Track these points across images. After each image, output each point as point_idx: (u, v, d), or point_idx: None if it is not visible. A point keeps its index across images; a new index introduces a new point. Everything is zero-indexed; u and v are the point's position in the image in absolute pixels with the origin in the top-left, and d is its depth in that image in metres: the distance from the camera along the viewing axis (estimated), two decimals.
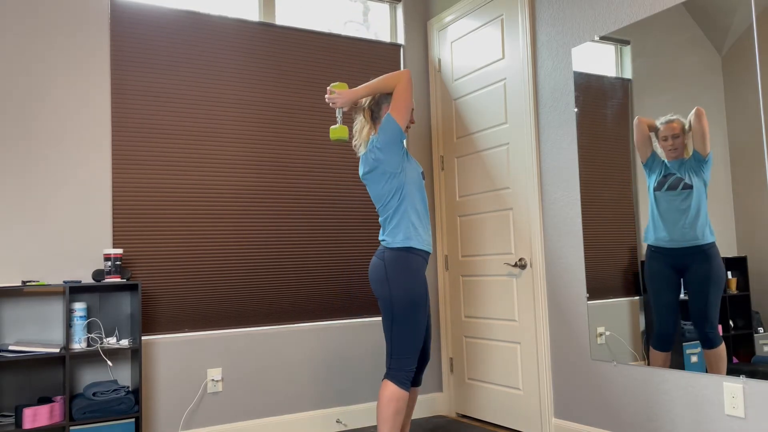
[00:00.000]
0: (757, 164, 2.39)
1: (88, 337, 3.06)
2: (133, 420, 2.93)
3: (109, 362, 3.04)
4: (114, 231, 3.22)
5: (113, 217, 3.23)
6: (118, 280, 3.00)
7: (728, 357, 2.49)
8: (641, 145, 2.81)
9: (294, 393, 3.59)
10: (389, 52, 4.09)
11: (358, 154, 2.79)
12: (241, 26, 3.61)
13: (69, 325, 2.91)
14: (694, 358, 2.61)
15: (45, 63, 3.13)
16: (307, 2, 3.91)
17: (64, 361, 3.00)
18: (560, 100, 3.24)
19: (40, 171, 3.10)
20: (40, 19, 3.14)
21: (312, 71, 3.81)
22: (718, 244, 2.51)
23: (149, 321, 3.26)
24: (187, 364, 3.33)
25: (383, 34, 4.18)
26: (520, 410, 3.46)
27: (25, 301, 3.01)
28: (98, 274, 3.01)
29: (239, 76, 3.59)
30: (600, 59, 3.03)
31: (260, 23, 3.68)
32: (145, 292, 3.26)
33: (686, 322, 2.63)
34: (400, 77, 2.66)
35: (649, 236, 2.77)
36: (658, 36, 2.76)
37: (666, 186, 2.69)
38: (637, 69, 2.85)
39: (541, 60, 3.36)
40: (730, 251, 2.47)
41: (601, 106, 3.02)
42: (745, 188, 2.43)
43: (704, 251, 2.55)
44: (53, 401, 2.87)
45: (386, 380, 2.58)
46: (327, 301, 3.74)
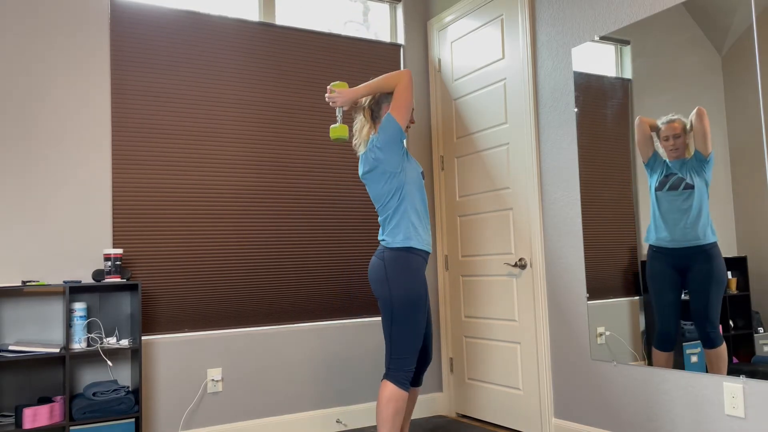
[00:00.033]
0: (757, 164, 2.39)
1: (88, 337, 3.06)
2: (133, 420, 2.93)
3: (109, 362, 3.04)
4: (114, 231, 3.23)
5: (113, 217, 3.23)
6: (118, 280, 3.00)
7: (728, 357, 2.49)
8: (643, 145, 2.80)
9: (294, 393, 3.59)
10: (389, 52, 4.09)
11: (357, 154, 2.79)
12: (241, 26, 3.61)
13: (69, 325, 2.91)
14: (694, 358, 2.61)
15: (45, 63, 3.13)
16: (307, 2, 3.91)
17: (64, 361, 3.00)
18: (560, 100, 3.24)
19: (40, 171, 3.10)
20: (40, 19, 3.14)
21: (312, 71, 3.81)
22: (719, 244, 2.51)
23: (149, 321, 3.27)
24: (187, 364, 3.33)
25: (383, 34, 4.18)
26: (520, 410, 3.46)
27: (25, 301, 3.01)
28: (98, 274, 3.01)
29: (239, 76, 3.59)
30: (600, 59, 3.03)
31: (260, 23, 3.68)
32: (145, 292, 3.26)
33: (686, 322, 2.63)
34: (400, 77, 2.66)
35: (651, 236, 2.77)
36: (658, 36, 2.76)
37: (667, 186, 2.69)
38: (637, 69, 2.85)
39: (541, 60, 3.36)
40: (730, 251, 2.47)
41: (601, 106, 3.02)
42: (745, 188, 2.43)
43: (706, 251, 2.55)
44: (53, 401, 2.87)
45: (385, 380, 2.58)
46: (327, 301, 3.74)
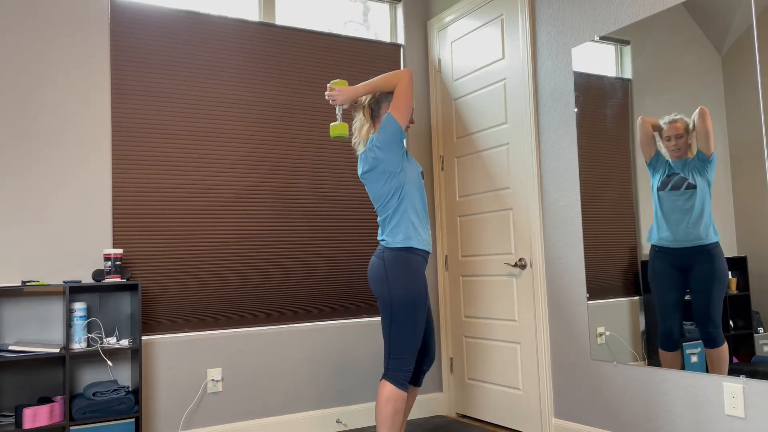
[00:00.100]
0: (757, 164, 2.39)
1: (88, 337, 3.06)
2: (133, 420, 2.93)
3: (109, 362, 3.04)
4: (114, 231, 3.23)
5: (113, 217, 3.23)
6: (118, 280, 3.00)
7: (728, 357, 2.49)
8: (645, 145, 2.80)
9: (294, 393, 3.59)
10: (389, 52, 4.09)
11: (356, 153, 2.78)
12: (241, 26, 3.61)
13: (69, 325, 2.91)
14: (694, 358, 2.60)
15: (45, 63, 3.13)
16: (307, 2, 3.91)
17: (64, 361, 3.00)
18: (560, 100, 3.24)
19: (40, 171, 3.10)
20: (40, 19, 3.14)
21: (312, 71, 3.81)
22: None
23: (149, 321, 3.27)
24: (187, 364, 3.33)
25: (383, 34, 4.18)
26: (520, 410, 3.46)
27: (25, 301, 3.01)
28: (98, 274, 3.01)
29: (239, 76, 3.59)
30: (600, 59, 3.03)
31: (260, 23, 3.68)
32: (145, 292, 3.26)
33: (686, 321, 2.63)
34: (401, 76, 2.65)
35: (653, 236, 2.77)
36: (658, 36, 2.75)
37: (669, 186, 2.68)
38: (637, 69, 2.85)
39: (541, 60, 3.36)
40: (731, 251, 2.47)
41: (601, 106, 3.02)
42: (745, 188, 2.42)
43: (708, 251, 2.55)
44: (53, 401, 2.87)
45: (384, 381, 2.58)
46: (327, 301, 3.74)
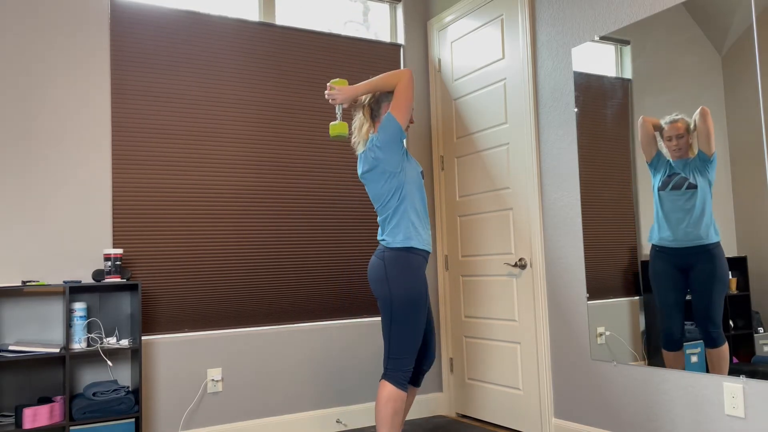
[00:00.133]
0: (757, 164, 2.39)
1: (88, 337, 3.06)
2: (133, 420, 2.93)
3: (109, 362, 3.04)
4: (114, 231, 3.23)
5: (113, 217, 3.23)
6: (118, 280, 3.00)
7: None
8: (646, 145, 2.80)
9: (294, 393, 3.59)
10: (389, 52, 4.09)
11: (356, 152, 2.78)
12: (241, 26, 3.61)
13: (69, 325, 2.91)
14: (694, 358, 2.60)
15: (45, 63, 3.13)
16: (307, 2, 3.91)
17: (64, 361, 3.00)
18: (560, 100, 3.24)
19: (40, 171, 3.10)
20: (40, 19, 3.14)
21: (312, 71, 3.81)
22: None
23: (149, 321, 3.27)
24: (187, 364, 3.33)
25: (383, 34, 4.18)
26: (520, 410, 3.46)
27: (25, 301, 3.01)
28: (98, 274, 3.01)
29: (239, 76, 3.59)
30: (600, 59, 3.03)
31: (260, 23, 3.68)
32: (145, 292, 3.26)
33: (687, 321, 2.63)
34: (401, 76, 2.65)
35: (654, 236, 2.76)
36: (658, 36, 2.75)
37: (670, 186, 2.68)
38: (637, 69, 2.85)
39: (541, 60, 3.36)
40: (731, 251, 2.47)
41: (601, 106, 3.02)
42: (745, 188, 2.42)
43: (709, 251, 2.54)
44: (53, 401, 2.87)
45: (384, 381, 2.58)
46: (327, 301, 3.74)
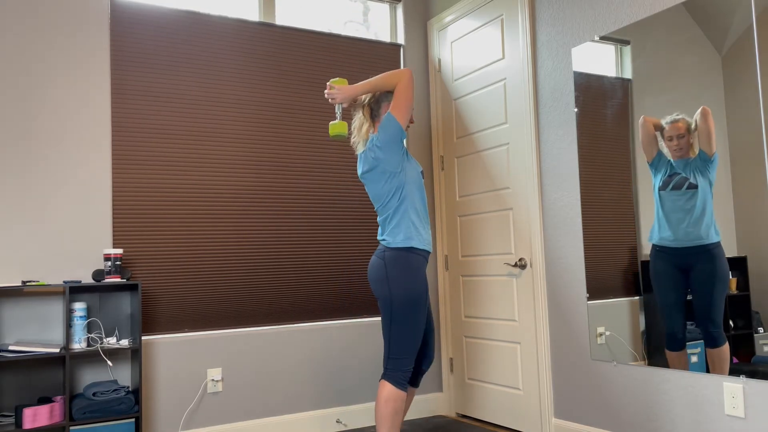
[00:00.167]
0: (757, 164, 2.39)
1: (88, 337, 3.06)
2: (133, 420, 2.93)
3: (109, 362, 3.04)
4: (114, 231, 3.23)
5: (113, 217, 3.23)
6: (118, 280, 3.00)
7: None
8: (647, 145, 2.80)
9: (294, 393, 3.59)
10: (389, 52, 4.09)
11: (356, 152, 2.77)
12: (241, 26, 3.61)
13: (69, 325, 2.91)
14: (694, 358, 2.60)
15: (45, 63, 3.13)
16: (307, 2, 3.91)
17: (64, 361, 3.00)
18: (560, 100, 3.24)
19: (40, 171, 3.10)
20: (40, 19, 3.14)
21: (312, 71, 3.81)
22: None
23: (149, 321, 3.27)
24: (187, 364, 3.33)
25: (383, 34, 4.18)
26: (520, 410, 3.46)
27: (25, 301, 3.01)
28: (98, 274, 3.01)
29: (239, 76, 3.59)
30: (600, 59, 3.03)
31: (260, 23, 3.68)
32: (145, 292, 3.26)
33: (687, 321, 2.63)
34: (401, 75, 2.64)
35: (654, 236, 2.76)
36: (658, 36, 2.75)
37: (671, 186, 2.68)
38: (637, 69, 2.85)
39: (541, 60, 3.36)
40: (730, 251, 2.47)
41: (601, 106, 3.02)
42: (745, 188, 2.42)
43: (709, 251, 2.54)
44: (53, 401, 2.87)
45: (383, 381, 2.58)
46: (327, 301, 3.74)
